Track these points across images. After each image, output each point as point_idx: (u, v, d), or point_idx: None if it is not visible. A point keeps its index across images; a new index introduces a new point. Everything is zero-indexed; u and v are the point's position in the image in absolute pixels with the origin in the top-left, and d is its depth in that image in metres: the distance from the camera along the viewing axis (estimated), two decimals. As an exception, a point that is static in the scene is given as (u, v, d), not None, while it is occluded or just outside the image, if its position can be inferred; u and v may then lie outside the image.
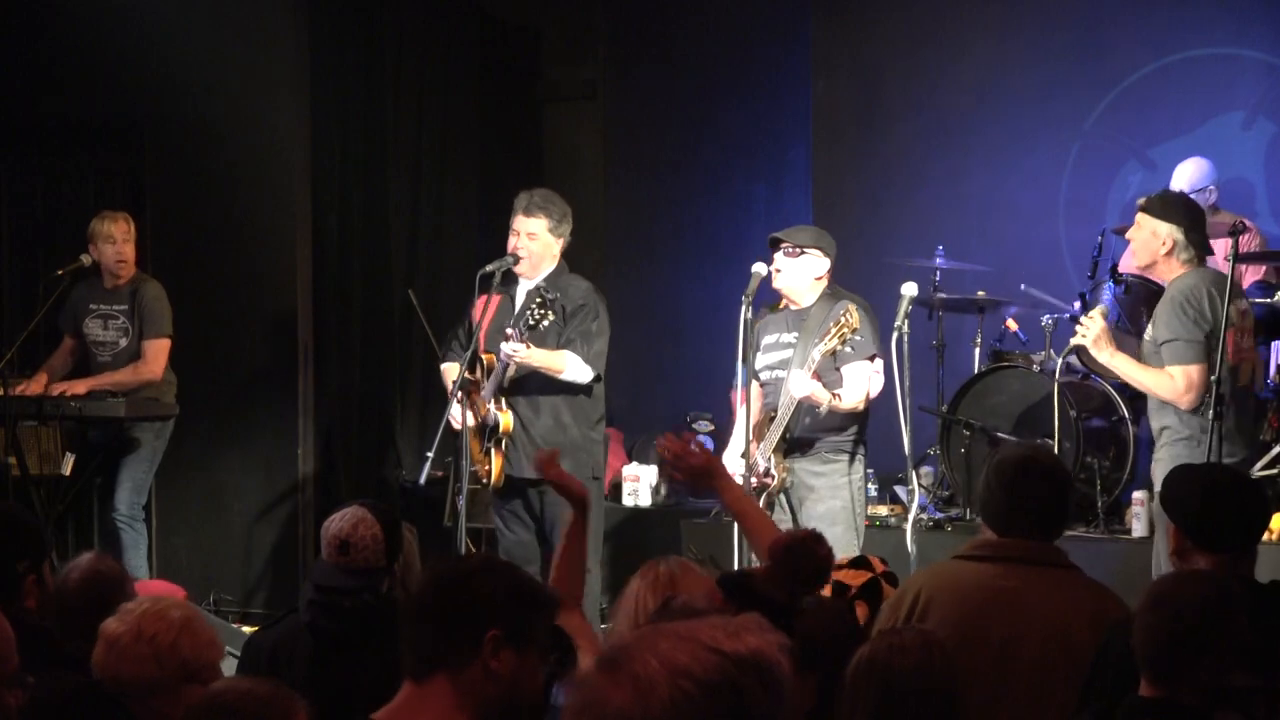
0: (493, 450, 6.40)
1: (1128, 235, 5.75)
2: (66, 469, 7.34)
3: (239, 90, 7.96)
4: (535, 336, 6.27)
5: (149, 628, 3.28)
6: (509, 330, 6.24)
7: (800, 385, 5.81)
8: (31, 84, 8.20)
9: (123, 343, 7.40)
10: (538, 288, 6.24)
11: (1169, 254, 5.56)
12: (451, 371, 6.56)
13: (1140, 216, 5.63)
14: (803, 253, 6.07)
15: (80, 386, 7.26)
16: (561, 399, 6.43)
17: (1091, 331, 5.56)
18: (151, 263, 7.83)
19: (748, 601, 2.98)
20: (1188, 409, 5.43)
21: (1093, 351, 5.63)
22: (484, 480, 6.47)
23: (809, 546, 3.29)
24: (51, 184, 8.37)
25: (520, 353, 6.20)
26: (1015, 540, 3.75)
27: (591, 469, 6.53)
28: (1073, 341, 5.75)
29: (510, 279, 6.53)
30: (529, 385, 6.39)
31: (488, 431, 6.40)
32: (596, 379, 6.46)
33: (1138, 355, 5.67)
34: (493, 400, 6.39)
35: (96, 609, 3.62)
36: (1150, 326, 5.63)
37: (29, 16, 8.13)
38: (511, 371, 6.35)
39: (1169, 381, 5.46)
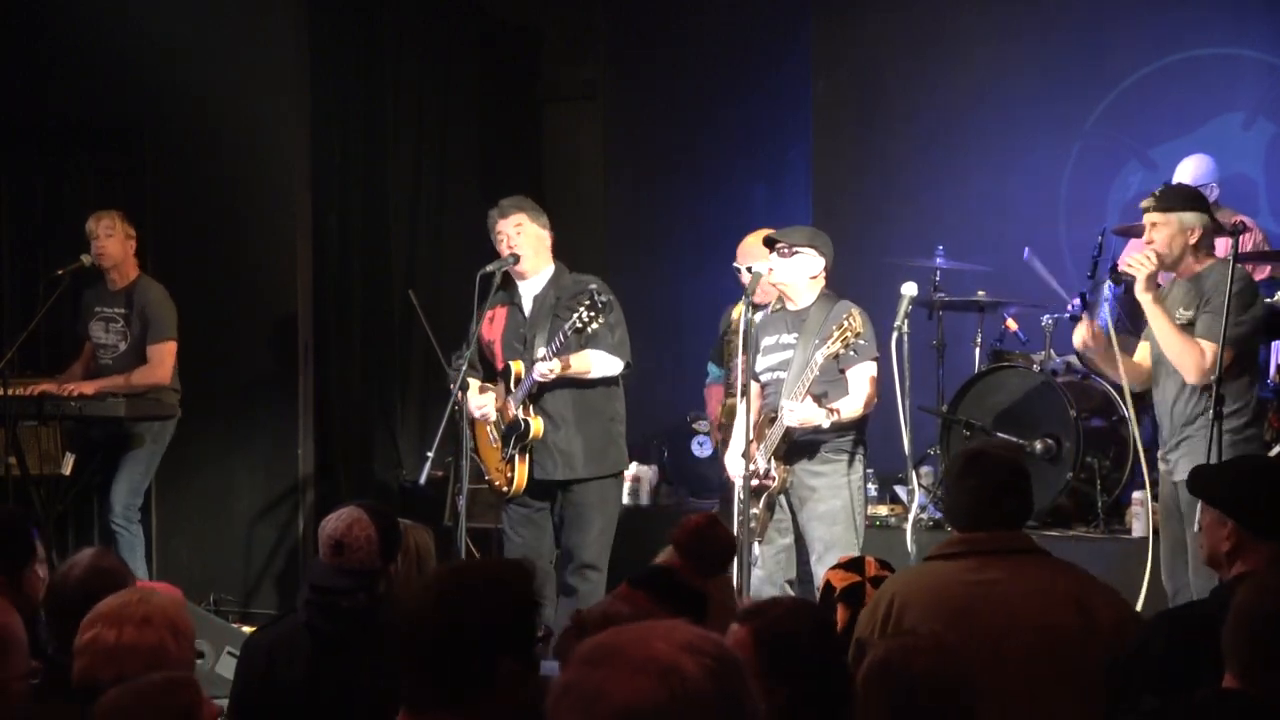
0: (517, 457, 6.38)
1: (1146, 240, 5.52)
2: (66, 469, 7.34)
3: (239, 90, 7.96)
4: (581, 339, 6.25)
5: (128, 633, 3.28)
6: (542, 350, 6.24)
7: (793, 418, 5.81)
8: (31, 84, 8.20)
9: (121, 346, 7.40)
10: (590, 291, 6.16)
11: (1198, 244, 5.44)
12: (473, 391, 6.48)
13: (1158, 216, 5.44)
14: (796, 252, 6.06)
15: (88, 387, 7.27)
16: (584, 395, 6.41)
17: (1146, 268, 5.37)
18: (151, 263, 7.82)
19: (674, 596, 2.95)
20: (1195, 382, 5.32)
21: (1138, 289, 5.40)
22: (504, 488, 6.45)
23: (713, 530, 3.28)
24: (51, 184, 8.37)
25: (555, 370, 6.22)
26: (981, 534, 3.77)
27: (614, 464, 6.54)
28: (1122, 268, 5.52)
29: (511, 287, 6.52)
30: (552, 386, 6.36)
31: (514, 439, 6.39)
32: (627, 366, 6.44)
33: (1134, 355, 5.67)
34: (520, 407, 6.37)
35: (93, 605, 3.62)
36: (1185, 303, 5.46)
37: (29, 16, 8.13)
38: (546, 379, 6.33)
39: (1196, 352, 5.30)
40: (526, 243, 6.45)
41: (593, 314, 6.07)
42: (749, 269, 6.46)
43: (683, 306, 9.14)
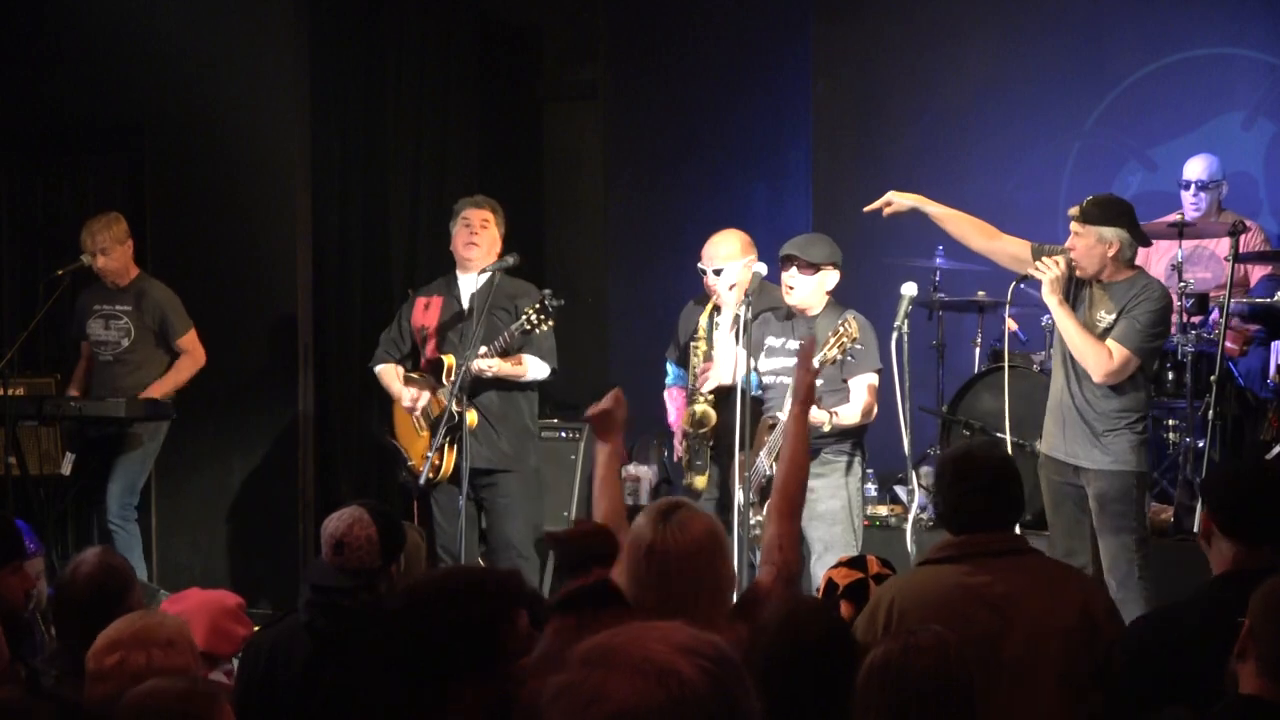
0: (446, 446, 6.57)
1: (1068, 245, 5.66)
2: (66, 469, 7.34)
3: (239, 90, 7.96)
4: (523, 340, 6.53)
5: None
6: (484, 348, 6.47)
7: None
8: (31, 84, 8.21)
9: (124, 343, 7.39)
10: (543, 295, 6.42)
11: (1116, 256, 5.57)
12: (388, 374, 6.89)
13: (1077, 226, 5.59)
14: (818, 270, 6.07)
15: (156, 391, 7.32)
16: (510, 395, 6.73)
17: (1053, 272, 5.56)
18: (152, 262, 7.83)
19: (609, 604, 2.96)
20: (1099, 381, 5.51)
21: (1044, 290, 5.60)
22: (431, 475, 6.64)
23: (589, 532, 3.28)
24: (51, 184, 8.38)
25: (494, 367, 6.48)
26: (974, 536, 3.74)
27: (532, 462, 6.83)
28: (1029, 271, 5.69)
29: (451, 279, 6.81)
30: (484, 383, 6.64)
31: (446, 429, 6.56)
32: (553, 372, 6.75)
33: None
34: (454, 400, 6.54)
35: (105, 604, 3.63)
36: (1107, 308, 5.60)
37: (29, 16, 8.13)
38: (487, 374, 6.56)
39: (1104, 354, 5.49)
40: (486, 239, 6.74)
41: (542, 317, 6.36)
42: (711, 272, 6.52)
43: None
